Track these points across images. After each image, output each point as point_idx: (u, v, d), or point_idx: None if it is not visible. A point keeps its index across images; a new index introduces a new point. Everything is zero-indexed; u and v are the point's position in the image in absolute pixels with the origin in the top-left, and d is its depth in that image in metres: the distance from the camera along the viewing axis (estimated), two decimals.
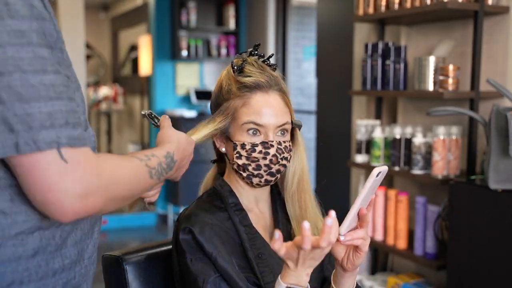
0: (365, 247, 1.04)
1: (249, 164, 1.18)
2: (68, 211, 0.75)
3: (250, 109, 1.18)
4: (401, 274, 2.64)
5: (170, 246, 1.30)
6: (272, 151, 1.18)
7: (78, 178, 0.74)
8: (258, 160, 1.18)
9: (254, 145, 1.18)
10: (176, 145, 1.03)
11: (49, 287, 0.85)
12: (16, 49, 0.72)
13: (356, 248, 1.05)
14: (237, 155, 1.19)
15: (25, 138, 0.72)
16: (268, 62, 1.25)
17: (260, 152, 1.18)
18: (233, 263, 1.13)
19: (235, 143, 1.19)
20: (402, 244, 2.48)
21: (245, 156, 1.18)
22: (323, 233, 0.91)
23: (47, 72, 0.74)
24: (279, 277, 1.00)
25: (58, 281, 0.86)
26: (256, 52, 1.25)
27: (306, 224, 0.89)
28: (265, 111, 1.18)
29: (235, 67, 1.21)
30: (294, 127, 1.24)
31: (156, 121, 1.15)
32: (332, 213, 0.91)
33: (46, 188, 0.73)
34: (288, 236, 1.27)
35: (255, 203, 1.26)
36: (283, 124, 1.20)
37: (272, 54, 1.28)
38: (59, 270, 0.86)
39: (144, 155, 0.91)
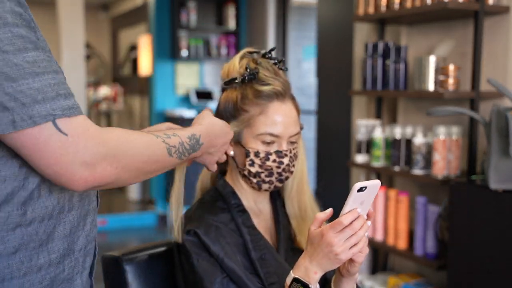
0: (359, 258, 1.04)
1: (262, 172, 1.19)
2: (79, 180, 0.77)
3: (268, 119, 1.17)
4: (401, 274, 2.64)
5: (170, 246, 1.30)
6: (285, 160, 1.19)
7: (82, 147, 0.76)
8: (271, 169, 1.18)
9: (268, 154, 1.18)
10: (205, 128, 1.03)
11: (35, 283, 0.83)
12: None
13: (351, 258, 1.05)
14: (250, 162, 1.19)
15: (21, 115, 0.73)
16: (279, 65, 1.24)
17: (274, 161, 1.18)
18: (239, 263, 1.13)
19: (248, 150, 1.19)
20: (402, 244, 2.48)
21: (259, 164, 1.18)
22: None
23: (28, 49, 0.75)
24: (291, 271, 1.03)
25: (45, 276, 0.85)
26: (270, 55, 1.23)
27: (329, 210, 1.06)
28: (281, 122, 1.18)
29: (249, 70, 1.19)
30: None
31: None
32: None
33: (53, 161, 0.75)
34: (289, 236, 1.27)
35: (255, 204, 1.26)
36: (296, 134, 1.21)
37: (282, 60, 1.26)
38: (45, 265, 0.85)
39: (163, 133, 0.92)
